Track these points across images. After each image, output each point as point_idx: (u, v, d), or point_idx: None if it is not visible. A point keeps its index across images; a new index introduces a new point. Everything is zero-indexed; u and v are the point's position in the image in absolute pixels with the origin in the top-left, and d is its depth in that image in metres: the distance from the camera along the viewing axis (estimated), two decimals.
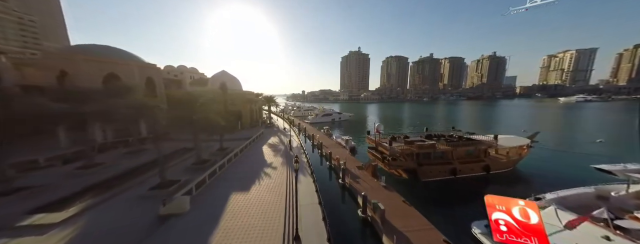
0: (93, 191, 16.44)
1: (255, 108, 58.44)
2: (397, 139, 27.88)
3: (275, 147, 33.21)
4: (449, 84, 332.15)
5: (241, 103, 48.22)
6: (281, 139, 40.00)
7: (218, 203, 15.73)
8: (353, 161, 28.35)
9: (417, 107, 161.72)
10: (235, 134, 39.66)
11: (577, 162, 29.38)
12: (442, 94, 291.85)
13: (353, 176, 23.12)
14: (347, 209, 18.73)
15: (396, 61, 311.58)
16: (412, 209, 16.61)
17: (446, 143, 24.43)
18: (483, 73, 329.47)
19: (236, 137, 37.55)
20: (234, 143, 33.36)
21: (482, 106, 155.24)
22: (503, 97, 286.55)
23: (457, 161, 23.94)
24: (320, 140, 40.69)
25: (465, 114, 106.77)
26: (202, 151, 24.92)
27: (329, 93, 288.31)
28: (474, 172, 24.40)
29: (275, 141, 38.17)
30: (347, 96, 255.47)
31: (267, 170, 22.86)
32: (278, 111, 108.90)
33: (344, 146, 37.92)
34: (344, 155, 31.47)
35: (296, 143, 36.87)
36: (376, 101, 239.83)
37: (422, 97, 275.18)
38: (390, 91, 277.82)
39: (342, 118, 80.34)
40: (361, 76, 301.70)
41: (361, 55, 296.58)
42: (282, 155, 28.82)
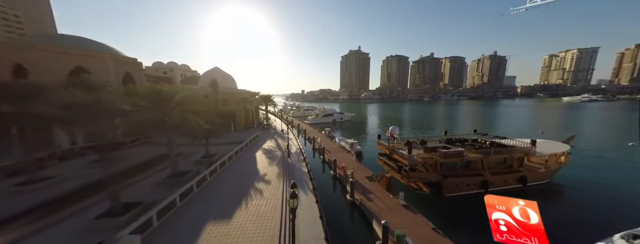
0: (21, 220, 12.20)
1: (251, 108, 54.24)
2: (413, 145, 23.80)
3: (271, 154, 28.97)
4: (450, 84, 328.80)
5: (235, 103, 44.01)
6: (278, 142, 35.80)
7: (187, 239, 11.59)
8: (361, 170, 24.26)
9: (419, 107, 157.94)
10: (226, 138, 35.46)
11: (621, 171, 25.47)
12: (443, 94, 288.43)
13: (363, 190, 19.06)
14: (358, 233, 14.78)
15: (396, 60, 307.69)
16: (447, 242, 12.54)
17: (474, 150, 20.34)
18: (484, 73, 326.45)
19: (228, 141, 33.32)
20: (224, 148, 29.19)
21: (485, 106, 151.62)
22: (504, 97, 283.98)
23: (489, 171, 19.90)
24: (322, 143, 36.59)
25: (470, 115, 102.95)
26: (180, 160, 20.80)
27: (329, 93, 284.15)
28: (508, 185, 20.38)
29: (271, 145, 33.94)
30: (347, 96, 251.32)
31: (258, 185, 18.68)
32: (276, 111, 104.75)
33: (349, 150, 33.82)
34: (350, 162, 27.37)
35: (295, 147, 32.70)
36: (377, 101, 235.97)
37: (423, 97, 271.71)
38: (391, 91, 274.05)
39: (343, 119, 76.19)
40: (361, 75, 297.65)
41: (361, 54, 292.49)
42: (279, 164, 24.60)
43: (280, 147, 32.62)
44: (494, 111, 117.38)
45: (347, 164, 26.60)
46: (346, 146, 35.43)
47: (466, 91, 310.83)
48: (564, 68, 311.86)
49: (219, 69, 50.28)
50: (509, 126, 65.57)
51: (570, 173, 23.82)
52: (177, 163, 19.07)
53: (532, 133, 48.48)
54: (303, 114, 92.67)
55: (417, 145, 24.17)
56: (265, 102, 53.43)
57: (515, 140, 22.63)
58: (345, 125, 70.58)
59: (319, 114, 72.89)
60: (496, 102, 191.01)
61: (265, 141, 36.24)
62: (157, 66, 56.30)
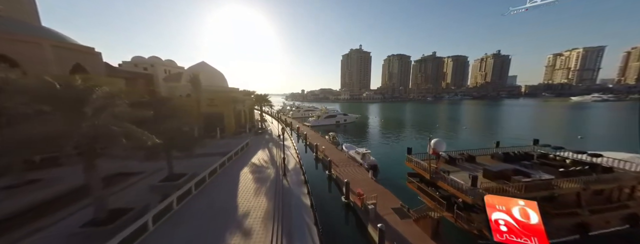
0: None
1: (243, 110, 47.35)
2: (457, 163, 16.98)
3: (261, 173, 21.70)
4: (452, 83, 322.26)
5: (223, 104, 37.10)
6: (273, 154, 28.77)
7: None
8: (384, 196, 17.51)
9: (423, 107, 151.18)
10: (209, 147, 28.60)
11: None
12: (446, 94, 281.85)
13: (395, 235, 12.40)
14: None
15: (398, 59, 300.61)
16: None
17: (565, 177, 13.47)
18: (487, 72, 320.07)
19: (209, 152, 26.51)
20: (202, 162, 22.45)
21: (491, 106, 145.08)
22: (508, 97, 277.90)
23: (587, 208, 13.12)
24: (327, 154, 29.85)
25: (479, 115, 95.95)
26: (125, 188, 13.89)
27: (330, 92, 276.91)
28: (611, 227, 13.63)
29: (263, 158, 26.82)
30: (348, 96, 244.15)
31: (234, 241, 11.73)
32: (275, 112, 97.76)
33: (361, 163, 27.03)
34: (366, 182, 20.56)
35: (293, 161, 25.76)
36: (379, 101, 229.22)
37: (426, 97, 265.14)
38: (392, 90, 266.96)
39: (347, 120, 69.22)
40: (362, 74, 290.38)
41: (362, 53, 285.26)
42: (269, 191, 17.47)
43: (275, 161, 25.63)
44: (502, 111, 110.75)
45: (363, 184, 19.79)
46: (357, 157, 28.60)
47: (469, 90, 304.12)
48: (569, 67, 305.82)
49: (206, 64, 43.39)
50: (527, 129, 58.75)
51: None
52: (105, 199, 12.15)
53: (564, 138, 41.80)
54: (303, 115, 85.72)
55: (461, 162, 17.38)
56: (260, 103, 46.44)
57: (610, 156, 15.81)
58: (350, 127, 63.75)
59: (320, 116, 65.84)
60: (501, 102, 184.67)
61: (256, 152, 29.17)
62: (136, 61, 49.26)
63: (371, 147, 39.13)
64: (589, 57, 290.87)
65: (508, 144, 21.97)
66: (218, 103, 37.13)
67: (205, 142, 31.58)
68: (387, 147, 40.10)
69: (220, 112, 37.73)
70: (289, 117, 78.78)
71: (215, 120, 37.63)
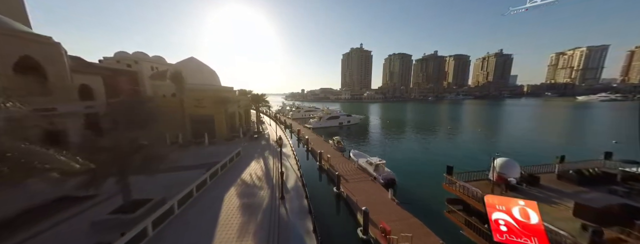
0: None
1: (238, 111, 42.67)
2: (519, 186, 12.38)
3: (252, 196, 16.86)
4: (454, 83, 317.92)
5: (212, 104, 32.40)
6: (268, 166, 24.01)
7: None
8: (416, 231, 12.90)
9: (425, 107, 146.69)
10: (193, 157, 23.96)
11: None
12: (448, 93, 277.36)
13: None
14: None
15: (399, 58, 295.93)
16: None
17: None
18: (489, 71, 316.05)
19: (192, 163, 21.88)
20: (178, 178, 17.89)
21: (494, 106, 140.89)
22: (510, 96, 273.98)
23: None
24: (333, 163, 25.29)
25: (484, 116, 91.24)
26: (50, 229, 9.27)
27: (330, 92, 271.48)
28: None
29: (256, 172, 21.92)
30: (349, 95, 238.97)
31: None
32: (274, 112, 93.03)
33: (374, 176, 22.46)
34: (389, 209, 15.95)
35: (294, 177, 21.08)
36: (380, 101, 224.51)
37: (427, 96, 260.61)
38: (394, 90, 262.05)
39: (351, 122, 64.58)
40: (363, 74, 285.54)
41: (363, 52, 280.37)
42: (260, 228, 12.64)
43: (271, 176, 20.85)
44: (507, 112, 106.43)
45: (384, 211, 15.19)
46: (369, 168, 23.98)
47: (471, 90, 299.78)
48: (572, 66, 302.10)
49: (195, 60, 38.68)
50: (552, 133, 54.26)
51: None
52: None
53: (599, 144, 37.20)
54: (304, 116, 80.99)
55: (524, 186, 12.78)
56: (256, 103, 41.69)
57: None
58: (354, 129, 59.12)
59: (322, 117, 61.13)
60: (503, 102, 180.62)
61: (248, 163, 24.20)
62: (119, 57, 44.50)
63: (380, 152, 34.59)
64: (593, 56, 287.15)
65: (533, 151, 17.40)
66: (207, 104, 32.40)
67: (190, 150, 27.05)
68: (399, 153, 35.46)
69: (210, 115, 33.04)
70: (288, 119, 74.12)
71: (204, 123, 32.96)
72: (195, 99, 32.11)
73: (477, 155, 33.01)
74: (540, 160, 16.58)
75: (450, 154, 34.34)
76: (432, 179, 20.97)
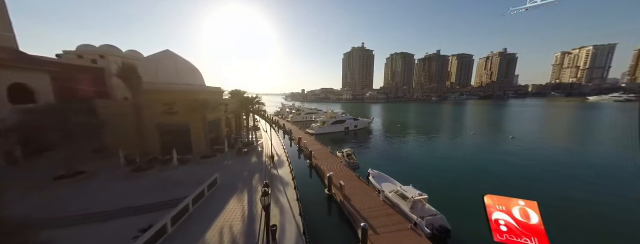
0: None
1: (226, 117, 35.06)
2: None
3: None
4: (457, 83, 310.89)
5: (187, 110, 24.79)
6: (254, 208, 16.31)
7: None
8: None
9: (429, 107, 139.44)
10: (139, 191, 16.38)
11: None
12: (451, 93, 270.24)
13: None
14: None
15: (401, 57, 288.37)
16: None
17: None
18: (493, 71, 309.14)
19: (133, 204, 14.28)
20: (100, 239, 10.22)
21: (500, 106, 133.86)
22: (515, 96, 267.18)
23: None
24: (350, 194, 17.90)
25: (494, 117, 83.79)
26: None
27: (331, 92, 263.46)
28: None
29: (231, 224, 13.86)
30: (351, 95, 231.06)
31: None
32: (272, 114, 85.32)
33: (414, 220, 15.01)
34: None
35: (293, 222, 13.46)
36: (382, 101, 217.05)
37: (431, 97, 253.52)
38: (396, 90, 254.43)
39: (358, 126, 56.92)
40: (365, 73, 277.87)
41: (365, 51, 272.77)
42: None
43: (253, 232, 13.22)
44: (516, 112, 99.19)
45: None
46: (403, 206, 16.43)
47: (474, 89, 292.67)
48: (578, 66, 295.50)
49: (170, 53, 31.00)
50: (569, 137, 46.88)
51: None
52: None
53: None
54: (304, 119, 73.19)
55: None
56: (247, 107, 34.02)
57: None
58: (361, 135, 51.55)
59: (326, 121, 53.37)
60: (508, 102, 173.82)
61: (224, 203, 15.50)
62: (82, 51, 36.86)
63: (404, 171, 26.71)
64: (599, 55, 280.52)
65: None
66: (180, 109, 24.80)
67: (144, 176, 19.31)
68: (429, 174, 26.13)
69: (185, 123, 25.42)
70: (287, 122, 66.37)
71: (177, 134, 25.38)
72: (165, 104, 24.53)
73: (538, 175, 25.30)
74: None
75: (503, 174, 26.08)
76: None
